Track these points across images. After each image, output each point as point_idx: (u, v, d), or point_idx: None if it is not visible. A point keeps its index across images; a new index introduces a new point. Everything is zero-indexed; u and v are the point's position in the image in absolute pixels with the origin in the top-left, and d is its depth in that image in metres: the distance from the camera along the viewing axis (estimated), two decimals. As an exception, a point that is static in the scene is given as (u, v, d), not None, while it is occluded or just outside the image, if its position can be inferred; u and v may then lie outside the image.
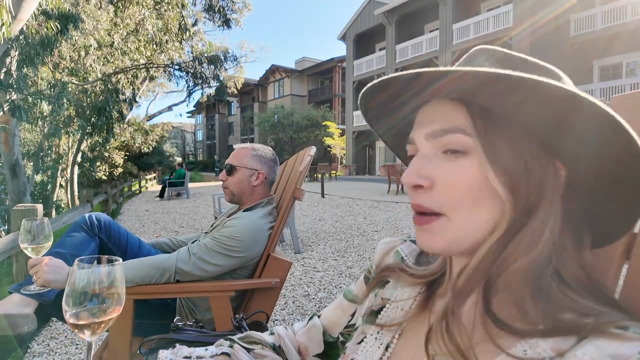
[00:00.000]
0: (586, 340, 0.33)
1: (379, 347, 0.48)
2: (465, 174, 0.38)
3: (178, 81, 11.14)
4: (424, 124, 0.41)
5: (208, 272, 1.23)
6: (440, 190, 0.39)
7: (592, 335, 0.33)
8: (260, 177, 1.40)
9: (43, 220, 1.03)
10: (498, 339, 0.37)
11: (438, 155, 0.40)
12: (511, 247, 0.38)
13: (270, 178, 1.44)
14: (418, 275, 0.50)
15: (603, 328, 0.33)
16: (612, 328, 0.33)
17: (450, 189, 0.39)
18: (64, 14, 5.23)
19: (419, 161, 0.40)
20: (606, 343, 0.32)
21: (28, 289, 1.09)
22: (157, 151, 25.49)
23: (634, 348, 0.31)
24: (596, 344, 0.32)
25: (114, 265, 0.52)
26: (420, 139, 0.42)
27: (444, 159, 0.40)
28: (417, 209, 0.40)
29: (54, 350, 2.10)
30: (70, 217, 3.87)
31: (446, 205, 0.39)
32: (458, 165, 0.39)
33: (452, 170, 0.39)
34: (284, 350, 0.62)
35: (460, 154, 0.39)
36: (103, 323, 0.51)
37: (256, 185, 1.40)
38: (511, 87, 0.34)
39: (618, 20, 11.14)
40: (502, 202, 0.38)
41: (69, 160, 11.29)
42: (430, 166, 0.40)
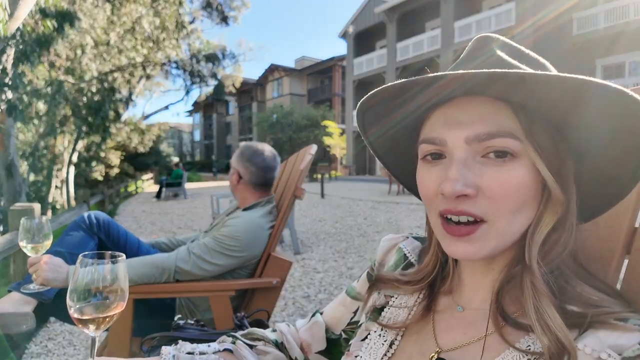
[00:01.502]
0: (588, 332, 0.34)
1: (383, 344, 0.48)
2: (514, 179, 0.36)
3: (175, 79, 11.13)
4: (464, 124, 0.37)
5: (208, 272, 1.22)
6: (486, 196, 0.37)
7: (594, 327, 0.34)
8: (236, 176, 1.39)
9: (42, 219, 1.02)
10: (506, 334, 0.38)
11: (478, 159, 0.38)
12: (552, 242, 0.38)
13: (247, 178, 1.38)
14: (415, 282, 0.49)
15: (604, 319, 0.34)
16: (612, 320, 0.34)
17: (497, 194, 0.37)
18: (61, 12, 5.20)
19: (461, 167, 0.37)
20: (607, 334, 0.33)
21: (27, 288, 1.08)
22: (154, 151, 25.38)
23: (633, 339, 0.32)
24: (597, 335, 0.34)
25: (117, 261, 0.52)
26: (457, 141, 0.38)
27: (487, 163, 0.37)
28: (459, 213, 0.38)
29: (51, 351, 2.09)
30: (67, 217, 3.85)
31: (492, 212, 0.37)
32: (507, 169, 0.37)
33: (499, 176, 0.37)
34: (286, 347, 0.62)
35: (507, 158, 0.37)
36: (107, 318, 0.51)
37: (236, 184, 1.40)
38: (561, 88, 0.34)
39: (621, 20, 11.15)
40: (538, 203, 0.38)
41: (64, 160, 11.23)
42: (474, 172, 0.37)
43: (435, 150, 0.40)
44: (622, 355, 0.31)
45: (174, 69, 10.68)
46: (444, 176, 0.38)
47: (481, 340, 0.40)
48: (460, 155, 0.37)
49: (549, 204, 0.38)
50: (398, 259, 0.56)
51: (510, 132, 0.36)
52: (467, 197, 0.37)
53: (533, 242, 0.38)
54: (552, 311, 0.34)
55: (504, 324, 0.39)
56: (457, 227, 0.38)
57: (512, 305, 0.40)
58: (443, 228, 0.39)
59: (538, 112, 0.37)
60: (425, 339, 0.46)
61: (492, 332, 0.40)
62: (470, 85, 0.36)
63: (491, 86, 0.36)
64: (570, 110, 0.36)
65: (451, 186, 0.36)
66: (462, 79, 0.35)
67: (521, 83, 0.34)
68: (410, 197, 8.45)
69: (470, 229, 0.37)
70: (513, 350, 0.37)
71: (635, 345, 0.31)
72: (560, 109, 0.36)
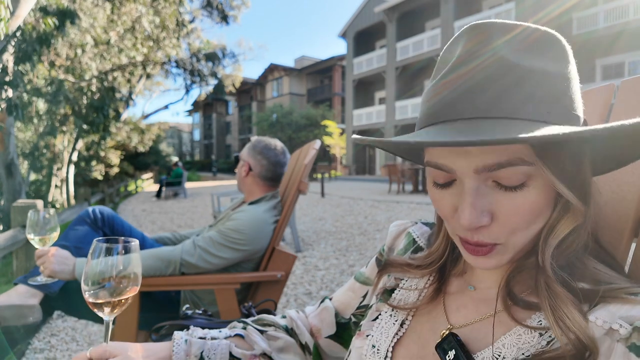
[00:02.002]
0: (599, 306, 0.35)
1: (394, 324, 0.48)
2: (528, 202, 0.36)
3: (175, 78, 11.12)
4: (471, 152, 0.36)
5: (213, 265, 1.23)
6: (500, 222, 0.37)
7: (605, 302, 0.35)
8: (246, 168, 1.40)
9: (49, 212, 1.03)
10: (515, 312, 0.39)
11: (489, 185, 0.37)
12: (568, 243, 0.38)
13: (257, 171, 1.38)
14: (425, 266, 0.50)
15: (615, 294, 0.35)
16: (623, 294, 0.35)
17: (511, 219, 0.37)
18: (62, 10, 5.20)
19: (474, 199, 0.36)
20: (618, 307, 0.34)
21: (34, 280, 1.09)
22: (154, 151, 25.35)
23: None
24: (608, 308, 0.34)
25: (130, 247, 0.53)
26: (465, 171, 0.36)
27: (498, 189, 0.36)
28: (476, 244, 0.38)
29: (55, 346, 2.09)
30: (68, 214, 3.85)
31: (506, 235, 0.37)
32: (521, 194, 0.36)
33: (513, 201, 0.36)
34: (296, 332, 0.62)
35: (519, 185, 0.36)
36: (122, 300, 0.52)
37: (245, 177, 1.40)
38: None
39: (620, 19, 11.16)
40: (552, 208, 0.38)
41: (64, 159, 11.21)
42: (487, 199, 0.37)
43: (444, 179, 0.39)
44: (633, 325, 0.32)
45: (174, 68, 10.68)
46: (457, 201, 0.38)
47: (492, 317, 0.41)
48: (471, 185, 0.36)
49: (568, 212, 0.37)
50: (407, 243, 0.57)
51: (521, 158, 0.34)
52: (483, 227, 0.37)
53: (547, 246, 0.37)
54: (570, 311, 0.34)
55: (512, 304, 0.39)
56: (475, 248, 0.38)
57: (522, 284, 0.41)
58: (462, 246, 0.40)
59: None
60: (436, 318, 0.46)
61: (501, 310, 0.40)
62: (478, 105, 0.35)
63: (499, 107, 0.34)
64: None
65: (468, 221, 0.36)
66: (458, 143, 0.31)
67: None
68: (410, 197, 8.45)
69: (488, 250, 0.38)
70: (522, 326, 0.38)
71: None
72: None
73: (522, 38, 0.37)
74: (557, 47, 0.37)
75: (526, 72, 0.35)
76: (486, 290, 0.44)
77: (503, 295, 0.40)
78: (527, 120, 0.34)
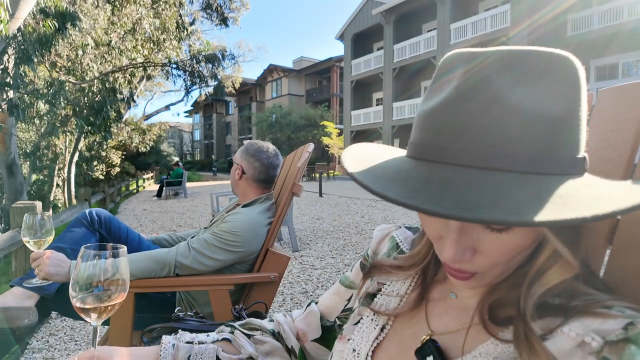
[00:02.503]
0: (573, 318, 0.35)
1: (375, 328, 0.49)
2: (512, 242, 0.36)
3: (176, 80, 11.15)
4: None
5: (208, 267, 1.24)
6: (483, 257, 0.37)
7: (579, 315, 0.35)
8: (239, 171, 1.41)
9: (44, 215, 1.04)
10: (491, 326, 0.39)
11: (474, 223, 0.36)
12: (560, 285, 0.37)
13: (250, 173, 1.39)
14: (407, 267, 0.51)
15: (588, 308, 0.35)
16: (597, 308, 0.35)
17: (493, 256, 0.37)
18: (62, 12, 5.22)
19: (458, 237, 0.36)
20: (591, 320, 0.34)
21: (30, 282, 1.10)
22: (155, 151, 25.40)
23: (616, 324, 0.33)
24: (581, 321, 0.34)
25: (119, 254, 0.54)
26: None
27: (482, 228, 0.36)
28: (458, 272, 0.39)
29: (53, 346, 2.11)
30: (68, 215, 3.87)
31: (487, 267, 0.38)
32: (506, 235, 0.35)
33: (497, 241, 0.36)
34: (282, 336, 0.63)
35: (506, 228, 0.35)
36: (109, 307, 0.53)
37: (239, 179, 1.41)
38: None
39: (615, 21, 11.19)
40: (535, 245, 0.37)
41: (65, 159, 11.25)
42: (471, 237, 0.36)
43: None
44: (605, 339, 0.32)
45: (175, 69, 10.70)
46: (442, 230, 0.38)
47: (470, 326, 0.42)
48: (456, 223, 0.36)
49: (559, 263, 0.36)
50: (391, 247, 0.58)
51: None
52: (465, 260, 0.37)
53: (530, 294, 0.36)
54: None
55: (489, 318, 0.40)
56: (456, 272, 0.39)
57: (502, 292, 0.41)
58: (445, 267, 0.41)
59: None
60: (417, 323, 0.47)
61: (477, 323, 0.41)
62: (472, 152, 0.33)
63: (495, 157, 0.32)
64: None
65: (450, 257, 0.36)
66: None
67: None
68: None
69: (467, 276, 0.39)
70: (494, 339, 0.38)
71: (618, 330, 0.32)
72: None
73: (526, 71, 0.33)
74: (568, 79, 0.34)
75: (528, 116, 0.32)
76: (467, 299, 0.45)
77: (481, 309, 0.41)
78: (523, 174, 0.31)
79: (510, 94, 0.32)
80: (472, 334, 0.41)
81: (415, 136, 0.39)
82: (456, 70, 0.36)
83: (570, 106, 0.34)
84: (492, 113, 0.32)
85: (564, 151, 0.33)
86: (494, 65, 0.34)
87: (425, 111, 0.37)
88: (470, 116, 0.33)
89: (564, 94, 0.34)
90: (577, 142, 0.34)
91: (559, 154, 0.33)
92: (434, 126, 0.36)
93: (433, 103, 0.36)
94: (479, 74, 0.34)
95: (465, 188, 0.31)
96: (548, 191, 0.30)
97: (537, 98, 0.33)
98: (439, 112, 0.35)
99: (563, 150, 0.33)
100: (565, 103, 0.34)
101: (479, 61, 0.35)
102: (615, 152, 0.50)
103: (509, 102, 0.32)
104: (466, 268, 0.38)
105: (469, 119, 0.33)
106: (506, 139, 0.32)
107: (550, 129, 0.33)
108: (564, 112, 0.33)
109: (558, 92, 0.33)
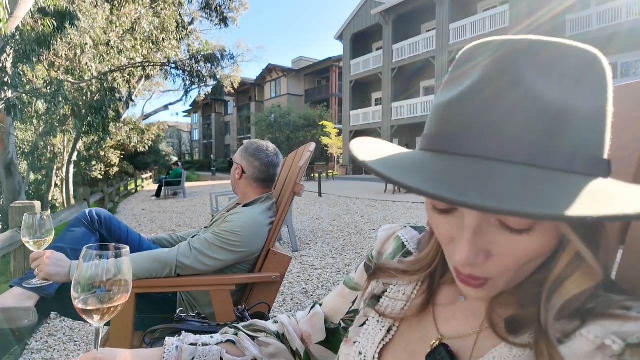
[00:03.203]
0: (591, 321, 0.34)
1: (381, 330, 0.48)
2: (529, 247, 0.34)
3: (175, 80, 11.14)
4: None
5: (209, 267, 1.23)
6: (495, 261, 0.35)
7: (597, 317, 0.34)
8: (239, 171, 1.40)
9: (44, 214, 1.03)
10: (503, 331, 0.38)
11: (492, 223, 0.35)
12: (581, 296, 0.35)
13: (250, 173, 1.39)
14: (412, 272, 0.49)
15: (607, 310, 0.34)
16: (615, 309, 0.34)
17: (508, 260, 0.35)
18: (61, 11, 5.20)
19: (473, 237, 0.34)
20: (610, 322, 0.33)
21: (29, 283, 1.09)
22: (153, 150, 25.37)
23: (637, 327, 0.32)
24: (600, 323, 0.33)
25: (121, 254, 0.53)
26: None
27: (501, 229, 0.34)
28: (469, 278, 0.37)
29: (52, 347, 2.10)
30: (67, 215, 3.86)
31: (500, 272, 0.36)
32: (524, 239, 0.34)
33: (514, 244, 0.34)
34: (287, 338, 0.62)
35: (525, 229, 0.33)
36: (112, 308, 0.52)
37: (239, 179, 1.41)
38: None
39: (613, 21, 11.25)
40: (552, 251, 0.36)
41: (64, 159, 11.22)
42: (486, 238, 0.35)
43: (444, 206, 0.37)
44: (626, 341, 0.31)
45: (174, 69, 10.69)
46: (455, 232, 0.36)
47: (481, 331, 0.41)
48: (473, 222, 0.34)
49: (580, 270, 0.34)
50: (396, 247, 0.56)
51: None
52: (478, 264, 0.35)
53: (550, 306, 0.34)
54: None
55: (500, 322, 0.39)
56: (467, 279, 0.38)
57: (512, 296, 0.40)
58: (455, 275, 0.39)
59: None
60: (425, 326, 0.46)
61: (487, 327, 0.40)
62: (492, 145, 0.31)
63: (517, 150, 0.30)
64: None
65: (463, 259, 0.35)
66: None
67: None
68: (406, 196, 8.46)
69: (479, 283, 0.37)
70: (506, 343, 0.37)
71: (639, 332, 0.31)
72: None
73: (553, 63, 0.32)
74: (596, 75, 0.33)
75: (554, 110, 0.31)
76: (477, 302, 0.43)
77: (491, 313, 0.40)
78: (548, 170, 0.30)
79: (538, 87, 0.31)
80: (483, 338, 0.40)
81: (431, 129, 0.37)
82: (477, 60, 0.35)
83: (599, 104, 0.33)
84: (518, 105, 0.31)
85: (591, 150, 0.32)
86: (524, 56, 0.32)
87: (444, 102, 0.35)
88: (493, 107, 0.32)
89: (592, 91, 0.32)
90: (602, 142, 0.33)
91: (586, 152, 0.32)
92: (453, 117, 0.34)
93: (453, 94, 0.35)
94: (504, 63, 0.32)
95: (490, 179, 0.29)
96: (577, 187, 0.29)
97: (566, 94, 0.31)
98: (460, 102, 0.34)
99: (590, 149, 0.32)
100: (594, 101, 0.32)
101: (504, 50, 0.33)
102: (625, 150, 0.50)
103: (535, 95, 0.31)
104: (477, 274, 0.36)
105: (491, 110, 0.32)
106: (531, 132, 0.31)
107: (580, 126, 0.31)
108: (593, 110, 0.32)
109: (587, 89, 0.32)
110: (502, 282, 0.37)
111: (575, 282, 0.34)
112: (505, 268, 0.36)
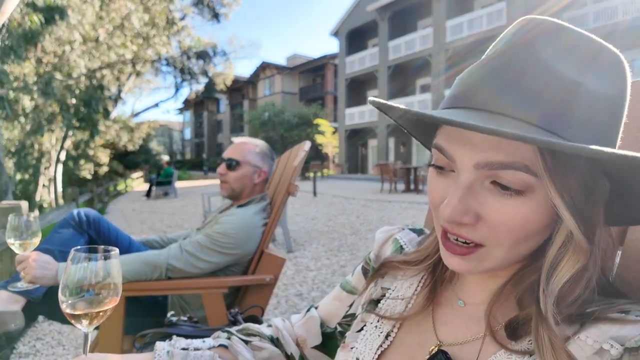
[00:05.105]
0: (589, 325, 0.34)
1: (379, 336, 0.48)
2: (520, 214, 0.34)
3: (165, 77, 11.02)
4: (477, 147, 0.34)
5: (200, 269, 1.21)
6: (487, 225, 0.35)
7: (596, 321, 0.34)
8: (262, 176, 1.41)
9: (30, 216, 1.00)
10: (502, 337, 0.38)
11: (486, 185, 0.35)
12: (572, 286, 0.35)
13: (269, 176, 1.45)
14: (418, 262, 0.49)
15: (605, 314, 0.34)
16: (614, 313, 0.34)
17: (499, 226, 0.35)
18: (50, 6, 5.09)
19: (463, 194, 0.35)
20: (608, 326, 0.33)
21: (15, 286, 1.06)
22: (144, 149, 25.09)
23: (635, 330, 0.32)
24: (599, 327, 0.33)
25: (110, 256, 0.52)
26: (466, 163, 0.35)
27: (493, 191, 0.35)
28: (456, 242, 0.37)
29: (40, 351, 2.06)
30: (55, 215, 3.78)
31: (491, 240, 0.36)
32: (514, 204, 0.34)
33: (505, 209, 0.34)
34: (281, 342, 0.61)
35: (514, 191, 0.34)
36: (101, 313, 0.50)
37: (257, 183, 1.41)
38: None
39: (610, 20, 11.40)
40: (548, 231, 0.36)
41: (52, 158, 11.01)
42: (477, 199, 0.35)
43: (443, 163, 0.38)
44: (624, 345, 0.31)
45: (164, 66, 10.57)
46: (449, 191, 0.36)
47: (480, 338, 0.40)
48: (466, 180, 0.35)
49: (570, 250, 0.35)
50: (394, 250, 0.56)
51: (526, 165, 0.33)
52: (467, 225, 0.35)
53: (548, 292, 0.34)
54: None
55: (500, 329, 0.39)
56: (455, 246, 0.37)
57: (511, 301, 0.40)
58: (442, 242, 0.39)
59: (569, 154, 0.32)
60: (424, 332, 0.46)
61: (486, 335, 0.39)
62: (505, 102, 0.33)
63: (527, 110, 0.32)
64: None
65: (449, 213, 0.35)
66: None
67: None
68: (402, 196, 8.50)
69: (467, 251, 0.37)
70: (506, 350, 0.37)
71: (637, 336, 0.31)
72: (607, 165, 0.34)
73: (574, 47, 0.34)
74: (616, 66, 0.35)
75: (568, 81, 0.32)
76: (476, 307, 0.43)
77: (490, 319, 0.39)
78: (548, 132, 0.32)
79: (556, 61, 0.33)
80: (482, 345, 0.40)
81: (451, 92, 0.38)
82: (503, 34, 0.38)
83: (615, 92, 0.34)
84: (534, 72, 0.33)
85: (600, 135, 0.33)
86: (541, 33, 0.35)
87: (467, 69, 0.38)
88: (510, 71, 0.34)
89: (610, 78, 0.34)
90: (613, 130, 0.35)
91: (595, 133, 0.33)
92: (472, 77, 0.36)
93: (476, 62, 0.37)
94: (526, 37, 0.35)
95: (509, 125, 0.31)
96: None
97: (583, 74, 0.33)
98: (480, 64, 0.36)
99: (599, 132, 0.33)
100: (611, 88, 0.34)
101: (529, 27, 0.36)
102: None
103: (552, 65, 0.33)
104: (465, 234, 0.36)
105: (507, 71, 0.34)
106: (546, 95, 0.32)
107: (593, 105, 0.33)
108: (607, 95, 0.33)
109: (604, 74, 0.34)
110: (490, 256, 0.37)
111: (568, 264, 0.35)
112: (495, 235, 0.35)
